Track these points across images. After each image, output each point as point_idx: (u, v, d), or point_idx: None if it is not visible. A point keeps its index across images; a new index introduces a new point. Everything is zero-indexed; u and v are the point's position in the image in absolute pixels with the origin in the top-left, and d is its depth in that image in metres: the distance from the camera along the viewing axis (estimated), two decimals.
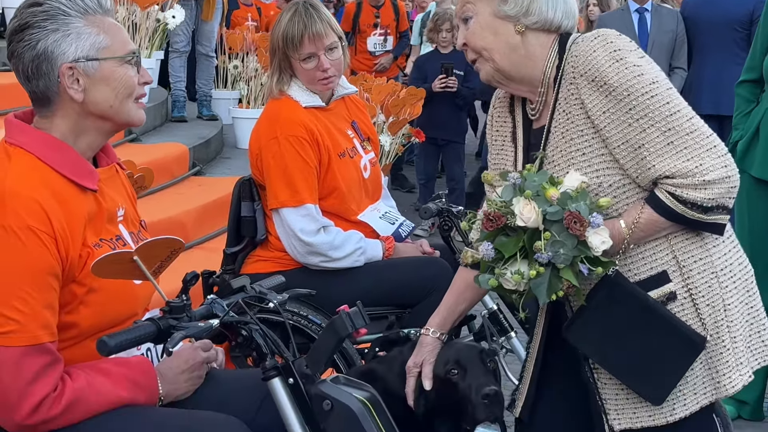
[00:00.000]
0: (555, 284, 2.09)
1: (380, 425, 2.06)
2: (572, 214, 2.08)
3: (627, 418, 2.23)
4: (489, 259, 2.15)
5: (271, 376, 2.09)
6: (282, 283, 2.41)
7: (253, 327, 2.11)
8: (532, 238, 2.10)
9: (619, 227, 2.18)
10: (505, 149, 2.38)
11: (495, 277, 2.13)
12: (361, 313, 2.13)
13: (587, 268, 2.11)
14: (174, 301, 2.05)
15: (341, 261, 3.43)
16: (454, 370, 2.55)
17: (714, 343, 2.21)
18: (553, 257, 2.08)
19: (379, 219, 3.60)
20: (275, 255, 3.49)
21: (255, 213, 3.52)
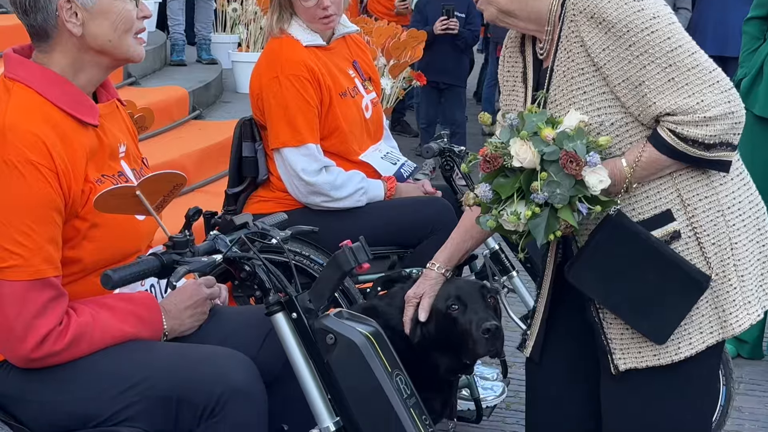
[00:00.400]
0: (553, 224, 2.09)
1: (383, 358, 2.08)
2: (568, 153, 2.07)
3: (632, 358, 2.23)
4: (487, 200, 2.15)
5: (274, 311, 2.10)
6: (284, 220, 2.42)
7: (256, 262, 2.11)
8: (529, 179, 2.10)
9: (621, 166, 2.17)
10: (516, 90, 2.36)
11: (493, 218, 2.13)
12: (363, 248, 2.13)
13: (586, 207, 2.10)
14: (177, 237, 2.05)
15: (343, 201, 3.43)
16: (455, 305, 2.56)
17: (720, 282, 2.21)
18: (549, 197, 2.08)
19: (381, 159, 3.60)
20: (277, 195, 3.50)
21: (256, 153, 3.51)
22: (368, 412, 2.06)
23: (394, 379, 2.07)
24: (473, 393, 3.43)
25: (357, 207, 3.46)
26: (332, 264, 2.11)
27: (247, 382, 2.13)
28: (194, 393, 2.10)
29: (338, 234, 3.33)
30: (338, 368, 2.06)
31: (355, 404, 2.06)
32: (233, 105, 7.19)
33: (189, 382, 2.11)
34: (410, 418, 2.06)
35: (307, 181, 3.39)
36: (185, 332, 2.35)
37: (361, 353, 2.06)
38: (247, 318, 2.40)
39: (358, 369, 2.05)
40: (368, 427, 2.06)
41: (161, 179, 2.17)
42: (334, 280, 2.11)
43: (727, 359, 3.46)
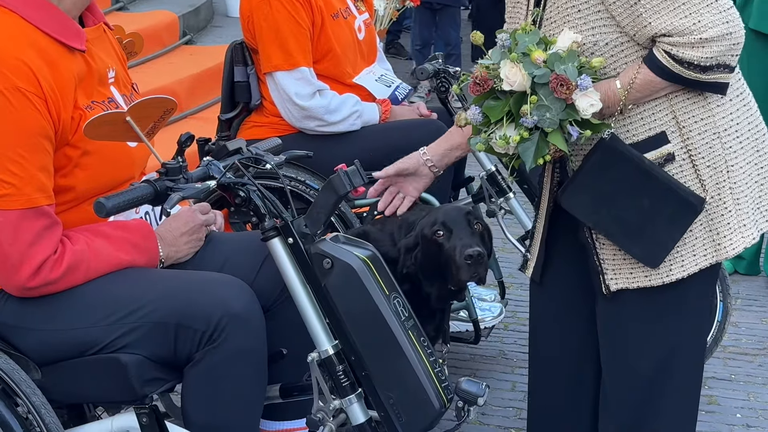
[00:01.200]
0: (542, 148, 2.07)
1: (380, 281, 2.08)
2: (558, 77, 2.04)
3: (623, 278, 2.24)
4: (477, 123, 2.13)
5: (270, 237, 2.10)
6: (278, 145, 2.40)
7: (251, 188, 2.10)
8: (519, 102, 2.07)
9: (615, 88, 2.14)
10: (520, 5, 2.31)
11: (483, 141, 2.12)
12: (359, 171, 2.12)
13: (576, 131, 2.08)
14: (170, 163, 2.04)
15: (337, 125, 3.42)
16: (440, 231, 2.56)
17: (715, 204, 2.19)
18: (539, 121, 2.05)
19: (375, 82, 3.57)
20: (271, 120, 3.48)
21: (248, 78, 3.49)
22: (366, 334, 2.07)
23: (392, 302, 2.08)
24: (471, 314, 3.46)
25: (352, 131, 3.45)
26: (327, 188, 2.10)
27: (245, 308, 2.14)
28: (193, 319, 2.11)
29: (333, 158, 3.32)
30: (336, 292, 2.06)
31: (353, 327, 2.07)
32: (224, 29, 7.10)
33: (187, 308, 2.12)
34: (408, 340, 2.07)
35: (300, 106, 3.37)
36: (182, 259, 2.35)
37: (358, 277, 2.06)
38: (243, 244, 2.40)
39: (355, 292, 2.06)
40: (366, 350, 2.07)
41: (151, 104, 2.15)
42: (330, 205, 2.10)
43: (724, 275, 3.48)
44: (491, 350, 3.91)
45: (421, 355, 2.08)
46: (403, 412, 2.07)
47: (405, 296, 2.14)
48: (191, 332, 2.11)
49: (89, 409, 2.38)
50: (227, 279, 2.20)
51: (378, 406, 2.08)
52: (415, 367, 2.06)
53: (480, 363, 3.82)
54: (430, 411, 2.06)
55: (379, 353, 2.07)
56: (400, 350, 2.06)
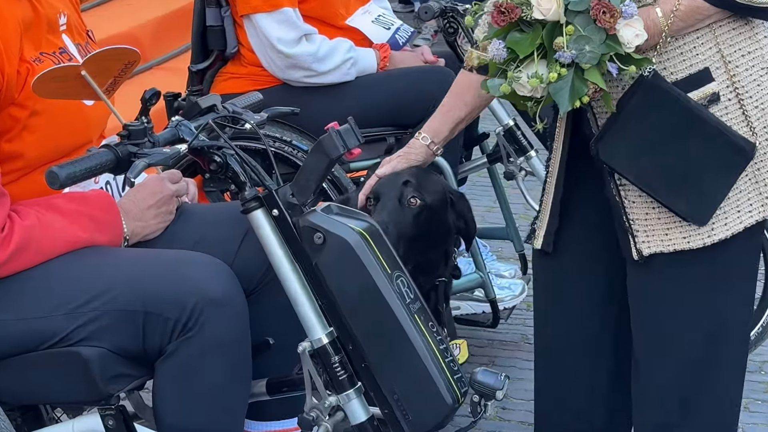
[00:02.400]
0: (579, 88, 2.07)
1: (381, 258, 2.09)
2: (600, 2, 2.04)
3: (658, 240, 2.25)
4: (500, 60, 2.12)
5: (251, 208, 2.10)
6: (260, 101, 2.40)
7: (228, 152, 2.10)
8: (552, 34, 2.07)
9: (655, 17, 2.15)
10: None
11: (507, 82, 2.11)
12: (353, 130, 2.12)
13: (617, 67, 2.08)
14: (133, 124, 2.04)
15: (328, 75, 3.43)
16: (372, 200, 2.63)
17: (763, 151, 2.21)
18: (577, 56, 2.05)
19: (372, 24, 3.58)
20: (250, 71, 3.49)
21: (223, 21, 3.48)
22: (366, 319, 2.08)
23: (395, 282, 2.09)
24: (488, 293, 3.48)
25: (345, 81, 3.45)
26: (317, 150, 2.11)
27: (224, 291, 2.15)
28: (163, 305, 2.12)
29: (324, 115, 3.30)
30: (329, 271, 2.07)
31: (350, 312, 2.08)
32: None
33: (157, 293, 2.13)
34: (414, 325, 2.08)
35: (284, 53, 3.37)
36: (149, 236, 2.36)
37: (354, 253, 2.06)
38: (220, 217, 2.41)
39: (352, 271, 2.07)
40: (366, 337, 2.08)
41: (110, 56, 2.15)
42: (321, 170, 2.11)
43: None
44: (512, 335, 3.94)
45: (430, 343, 2.09)
46: (410, 409, 2.08)
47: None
48: (162, 321, 2.13)
49: (46, 411, 2.40)
50: (203, 258, 2.21)
51: (381, 403, 2.10)
52: (423, 357, 2.07)
53: (499, 350, 3.85)
54: (441, 407, 2.08)
55: (380, 341, 2.08)
56: (405, 337, 2.07)
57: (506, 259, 4.20)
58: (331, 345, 2.09)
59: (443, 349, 2.11)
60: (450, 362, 2.11)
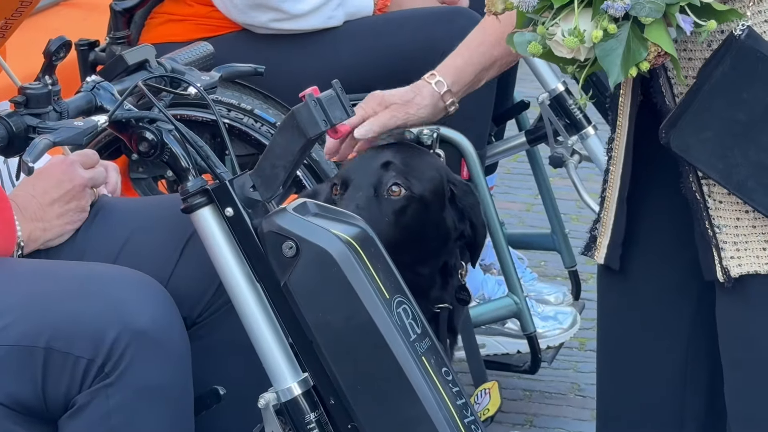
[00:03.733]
0: (636, 51, 2.08)
1: (376, 278, 2.10)
2: None
3: (752, 257, 2.27)
4: (530, 8, 2.14)
5: (197, 206, 2.11)
6: (208, 54, 2.43)
7: (164, 126, 2.11)
8: None
9: None
10: None
11: (539, 39, 2.13)
12: (339, 98, 2.14)
13: (691, 21, 2.09)
14: (32, 87, 2.05)
15: (305, 18, 3.46)
16: (338, 186, 2.63)
17: None
18: (632, 6, 2.07)
19: None
20: (195, 11, 3.53)
21: None
22: (354, 363, 2.09)
23: (395, 311, 2.11)
24: (526, 326, 3.49)
25: (329, 28, 3.49)
26: (289, 126, 2.12)
27: (155, 320, 2.17)
28: (72, 339, 2.14)
29: (298, 74, 3.35)
30: (304, 295, 2.09)
31: (332, 352, 2.09)
32: None
33: (63, 322, 2.15)
34: (422, 372, 2.09)
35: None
36: (52, 241, 2.38)
37: (339, 270, 2.08)
38: (153, 216, 2.43)
39: (335, 295, 2.08)
40: (355, 388, 2.09)
41: None
42: (293, 154, 2.12)
43: None
44: (558, 383, 3.96)
45: (443, 396, 2.10)
46: None
47: None
48: (70, 361, 2.14)
49: None
50: (127, 274, 2.22)
51: None
52: (433, 416, 2.08)
53: (540, 404, 3.87)
54: None
55: (373, 393, 2.09)
56: (409, 388, 2.08)
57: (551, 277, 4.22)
58: (304, 397, 2.10)
59: (461, 405, 2.12)
60: (471, 424, 2.12)
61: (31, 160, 1.96)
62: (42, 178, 2.37)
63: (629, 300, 2.47)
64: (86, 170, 2.43)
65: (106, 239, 2.39)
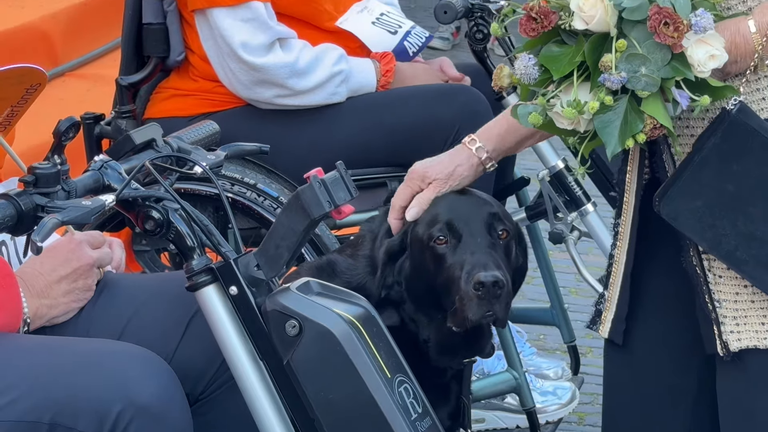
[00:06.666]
0: (634, 123, 2.12)
1: (378, 357, 2.11)
2: (661, 11, 2.09)
3: (751, 331, 2.29)
4: (531, 81, 2.18)
5: (201, 284, 2.13)
6: (214, 133, 2.44)
7: (171, 206, 2.13)
8: (599, 49, 2.13)
9: (746, 31, 2.21)
10: None
11: (540, 110, 2.16)
12: (343, 180, 2.16)
13: (687, 97, 2.13)
14: (42, 167, 2.06)
15: (309, 95, 3.47)
16: (442, 236, 2.59)
17: None
18: (629, 80, 2.10)
19: (372, 25, 3.62)
20: (200, 86, 3.53)
21: (165, 18, 3.53)
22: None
23: (396, 390, 2.11)
24: (525, 401, 3.49)
25: (332, 104, 3.49)
26: (293, 207, 2.14)
27: (159, 396, 2.17)
28: (77, 415, 2.14)
29: (302, 149, 3.39)
30: (305, 373, 2.10)
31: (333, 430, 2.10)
32: None
33: (67, 397, 2.15)
34: None
35: (250, 63, 3.41)
36: (58, 318, 2.38)
37: (341, 349, 2.09)
38: (157, 293, 2.44)
39: (337, 374, 2.10)
40: None
41: (7, 78, 2.18)
42: (297, 234, 2.14)
43: None
44: None
45: None
46: None
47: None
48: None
49: None
50: (131, 350, 2.23)
51: None
52: None
53: None
54: None
55: None
56: None
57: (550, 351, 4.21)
58: None
59: None
60: None
61: (40, 240, 1.97)
62: (50, 256, 2.39)
63: (632, 373, 2.48)
64: (93, 250, 2.44)
65: (110, 316, 2.41)
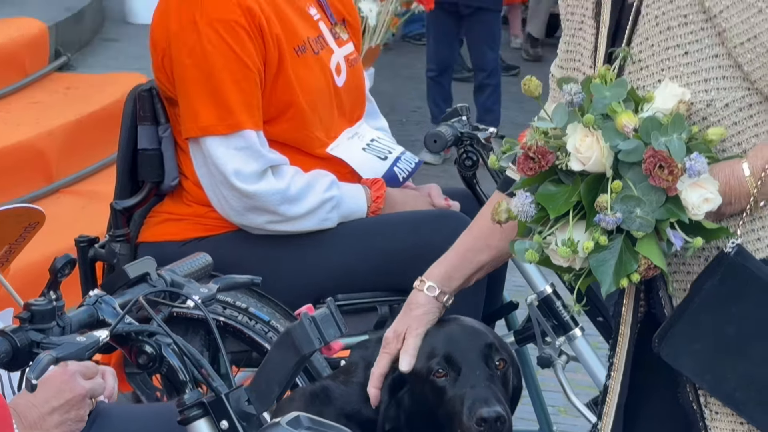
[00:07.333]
0: (628, 263, 2.15)
1: None
2: (656, 154, 2.13)
3: None
4: (528, 218, 2.21)
5: (192, 418, 2.15)
6: (206, 266, 2.47)
7: (164, 340, 2.16)
8: (595, 190, 2.16)
9: (741, 174, 2.24)
10: (584, 31, 2.42)
11: (536, 247, 2.20)
12: (333, 317, 2.19)
13: (681, 238, 2.16)
14: (37, 303, 2.09)
15: (300, 221, 3.48)
16: (440, 369, 2.61)
17: None
18: (624, 221, 2.14)
19: (363, 151, 3.65)
20: (194, 211, 3.55)
21: (160, 144, 3.55)
22: None
23: None
24: None
25: (323, 230, 3.51)
26: (284, 344, 2.18)
27: None
28: None
29: (293, 274, 3.41)
30: None
31: None
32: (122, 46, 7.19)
33: None
34: None
35: (243, 190, 3.43)
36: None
37: None
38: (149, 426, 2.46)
39: None
40: None
41: (7, 218, 2.20)
42: (288, 369, 2.17)
43: None
44: None
45: None
46: None
47: None
48: None
49: None
50: None
51: None
52: None
53: None
54: None
55: None
56: None
57: None
58: None
59: None
60: None
61: (35, 377, 1.99)
62: (43, 387, 2.37)
63: None
64: (86, 380, 2.46)
65: None
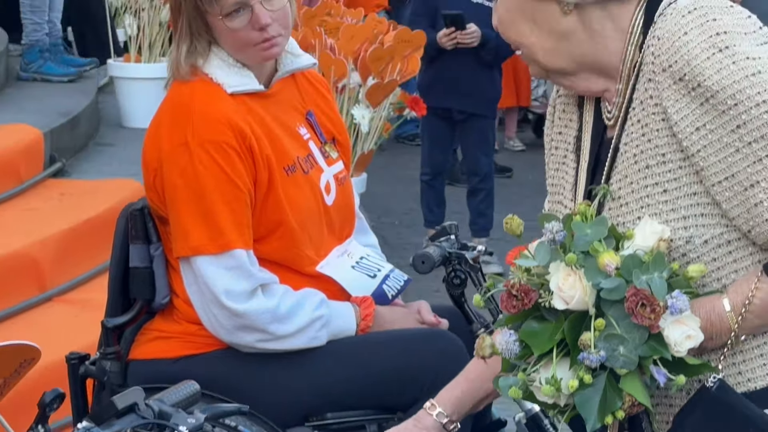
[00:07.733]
0: (612, 400, 2.17)
1: None
2: (638, 292, 2.16)
3: None
4: (512, 356, 2.23)
5: None
6: (194, 394, 2.50)
7: None
8: (578, 328, 2.18)
9: (721, 310, 2.26)
10: (567, 165, 2.47)
11: (519, 384, 2.22)
12: None
13: (664, 375, 2.18)
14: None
15: (290, 339, 3.50)
16: None
17: None
18: (608, 359, 2.16)
19: (352, 269, 3.67)
20: (184, 329, 3.55)
21: (152, 262, 3.57)
22: None
23: None
24: None
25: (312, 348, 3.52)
26: None
27: None
28: None
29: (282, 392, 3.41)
30: None
31: None
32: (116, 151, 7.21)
33: None
34: None
35: (233, 310, 3.44)
36: None
37: None
38: None
39: None
40: None
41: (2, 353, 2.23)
42: None
43: None
44: None
45: None
46: None
47: None
48: None
49: None
50: None
51: None
52: None
53: None
54: None
55: None
56: None
57: None
58: None
59: None
60: None
61: None
62: None
63: None
64: None
65: None
